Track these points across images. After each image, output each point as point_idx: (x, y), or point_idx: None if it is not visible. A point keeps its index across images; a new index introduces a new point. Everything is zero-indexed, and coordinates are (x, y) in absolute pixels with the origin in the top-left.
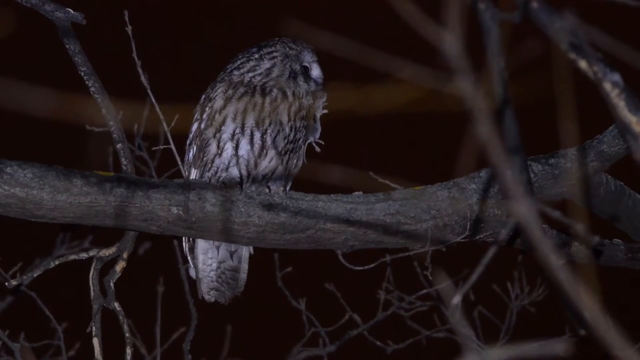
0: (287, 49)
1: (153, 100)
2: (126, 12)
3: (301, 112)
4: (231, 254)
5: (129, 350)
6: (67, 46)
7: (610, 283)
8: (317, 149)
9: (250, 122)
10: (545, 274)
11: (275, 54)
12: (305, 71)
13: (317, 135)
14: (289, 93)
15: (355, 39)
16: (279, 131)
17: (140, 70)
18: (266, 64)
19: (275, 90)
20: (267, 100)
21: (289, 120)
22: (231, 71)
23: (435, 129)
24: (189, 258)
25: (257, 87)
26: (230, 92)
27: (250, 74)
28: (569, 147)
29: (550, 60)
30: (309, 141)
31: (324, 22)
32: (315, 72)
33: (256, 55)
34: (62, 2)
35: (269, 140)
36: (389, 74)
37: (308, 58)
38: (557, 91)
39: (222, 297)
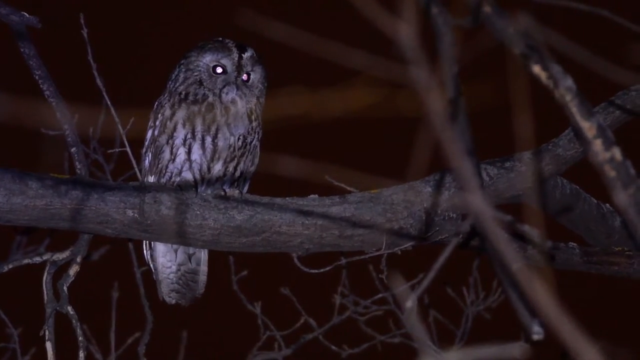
0: (187, 56)
1: (109, 103)
2: (82, 15)
3: (212, 113)
4: (189, 257)
5: (82, 354)
6: (22, 49)
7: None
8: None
9: (199, 127)
10: (500, 270)
11: (181, 61)
12: (214, 70)
13: (242, 130)
14: (211, 97)
15: (311, 31)
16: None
17: (95, 74)
18: (176, 72)
19: (198, 96)
20: (194, 106)
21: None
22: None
23: (389, 134)
24: (151, 265)
25: (182, 95)
26: (172, 100)
27: (171, 84)
28: (524, 151)
29: (505, 63)
30: (235, 137)
31: (279, 14)
32: (227, 67)
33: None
34: (17, 4)
35: (220, 143)
36: (344, 72)
37: (214, 57)
38: (513, 93)
39: (183, 299)
